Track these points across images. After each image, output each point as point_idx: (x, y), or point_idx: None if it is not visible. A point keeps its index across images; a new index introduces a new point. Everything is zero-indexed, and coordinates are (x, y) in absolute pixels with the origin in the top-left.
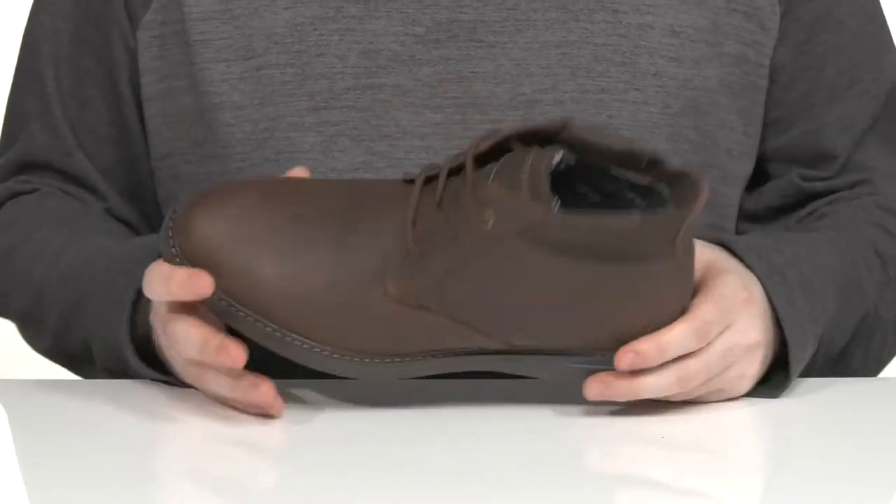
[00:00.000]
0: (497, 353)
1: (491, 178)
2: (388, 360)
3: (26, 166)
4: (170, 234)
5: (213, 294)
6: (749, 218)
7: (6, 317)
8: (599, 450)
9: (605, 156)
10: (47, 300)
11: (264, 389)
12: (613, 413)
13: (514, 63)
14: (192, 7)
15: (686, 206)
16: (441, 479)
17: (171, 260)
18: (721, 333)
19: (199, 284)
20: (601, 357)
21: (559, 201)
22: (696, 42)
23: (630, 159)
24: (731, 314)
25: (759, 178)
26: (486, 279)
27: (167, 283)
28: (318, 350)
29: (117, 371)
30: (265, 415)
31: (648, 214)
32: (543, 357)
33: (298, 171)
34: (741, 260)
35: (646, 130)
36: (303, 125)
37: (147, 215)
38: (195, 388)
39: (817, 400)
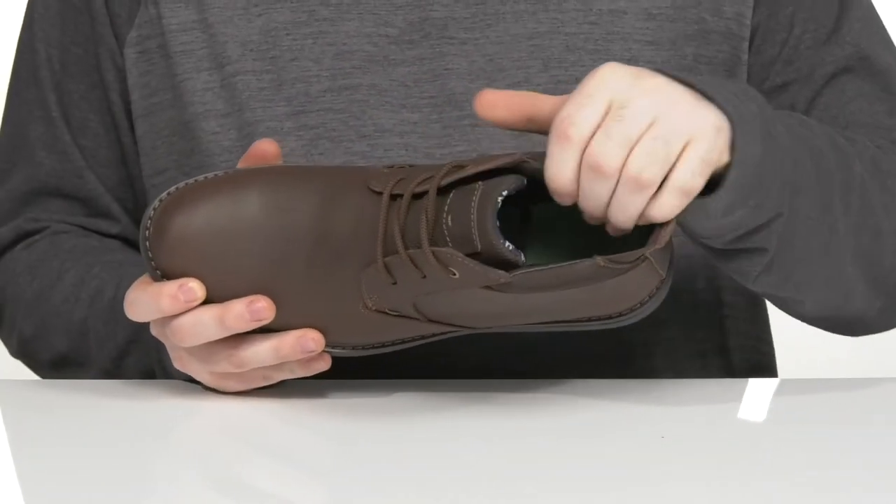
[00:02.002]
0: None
1: (444, 217)
2: (378, 348)
3: (34, 195)
4: (147, 246)
5: None
6: None
7: (34, 364)
8: (599, 450)
9: None
10: (94, 340)
11: (312, 336)
12: (613, 413)
13: (486, 58)
14: (171, 19)
15: (655, 232)
16: (440, 479)
17: (153, 273)
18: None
19: (190, 295)
20: (587, 323)
21: (511, 246)
22: (675, 21)
23: None
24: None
25: None
26: (457, 304)
27: (157, 300)
28: None
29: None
30: (309, 374)
31: (611, 257)
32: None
33: (266, 145)
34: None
35: None
36: (282, 130)
37: None
38: (202, 388)
39: (816, 400)
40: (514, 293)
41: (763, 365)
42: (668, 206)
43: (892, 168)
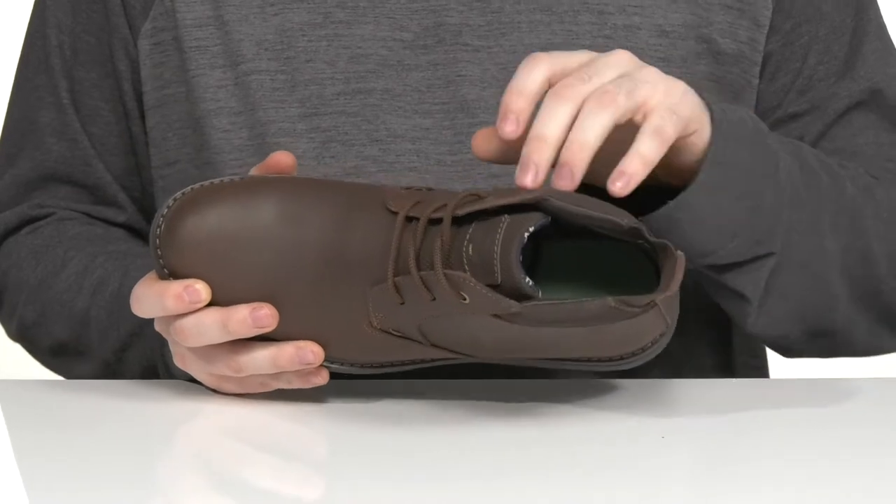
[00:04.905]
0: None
1: (465, 246)
2: (377, 368)
3: (41, 180)
4: (157, 244)
5: None
6: None
7: (35, 351)
8: (599, 449)
9: (584, 223)
10: (95, 330)
11: (312, 349)
12: (614, 413)
13: (499, 67)
14: (185, 14)
15: (665, 279)
16: (440, 479)
17: (160, 272)
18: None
19: (195, 296)
20: (588, 363)
21: (531, 282)
22: (687, 40)
23: (609, 226)
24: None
25: None
26: (465, 330)
27: (162, 299)
28: None
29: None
30: (310, 385)
31: (622, 299)
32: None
33: (282, 157)
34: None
35: None
36: (294, 131)
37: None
38: (203, 388)
39: (816, 400)
40: (521, 325)
41: None
42: (646, 150)
43: (887, 198)
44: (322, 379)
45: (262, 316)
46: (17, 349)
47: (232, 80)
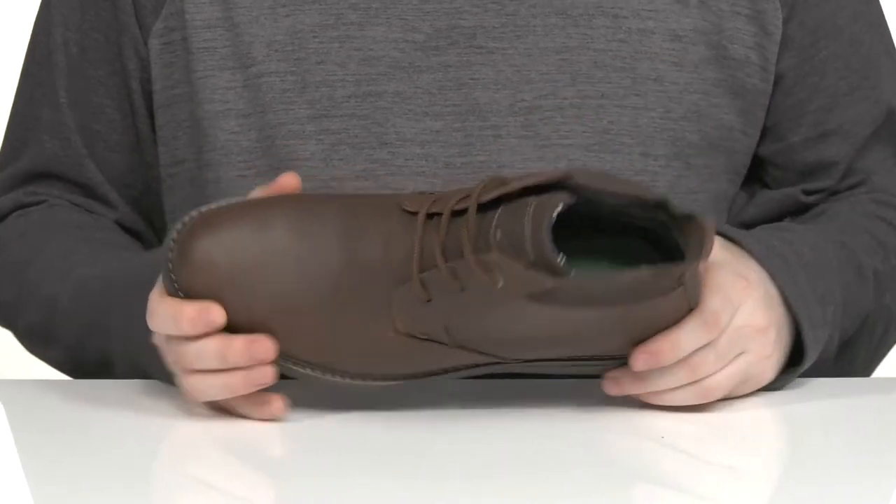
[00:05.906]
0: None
1: (493, 231)
2: (398, 381)
3: (36, 176)
4: (170, 267)
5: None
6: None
7: (14, 331)
8: (599, 450)
9: (611, 201)
10: (60, 315)
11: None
12: (614, 413)
13: (514, 69)
14: (195, 15)
15: (693, 249)
16: (440, 479)
17: (174, 294)
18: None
19: (210, 321)
20: (615, 360)
21: (564, 257)
22: (698, 45)
23: (637, 203)
24: (734, 300)
25: (752, 180)
26: (495, 323)
27: (176, 320)
28: (319, 376)
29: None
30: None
31: (657, 267)
32: (556, 363)
33: (289, 179)
34: (739, 244)
35: (646, 136)
36: (303, 133)
37: (154, 224)
38: None
39: (817, 400)
40: (554, 307)
41: None
42: (677, 399)
43: None
44: (277, 409)
45: (257, 349)
46: (18, 349)
47: (241, 81)
